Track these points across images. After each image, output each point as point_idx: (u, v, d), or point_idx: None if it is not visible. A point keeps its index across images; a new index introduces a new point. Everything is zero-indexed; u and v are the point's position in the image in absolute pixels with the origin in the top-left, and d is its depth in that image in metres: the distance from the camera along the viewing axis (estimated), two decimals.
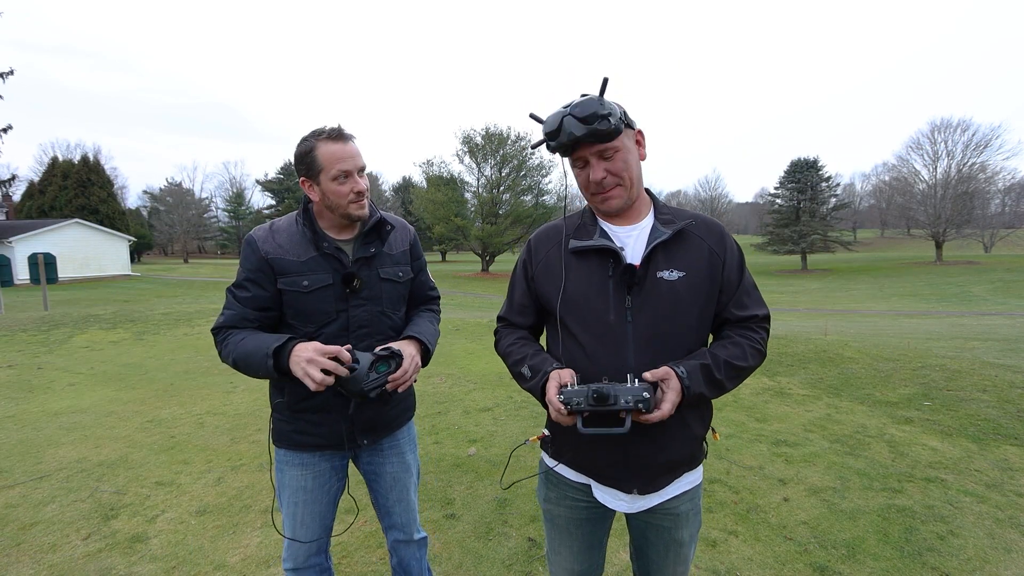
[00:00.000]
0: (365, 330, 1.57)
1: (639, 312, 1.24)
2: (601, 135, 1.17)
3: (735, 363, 1.25)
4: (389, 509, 1.76)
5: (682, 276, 1.25)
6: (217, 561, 2.47)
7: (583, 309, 1.28)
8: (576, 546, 1.42)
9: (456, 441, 3.93)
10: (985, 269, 31.46)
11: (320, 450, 1.61)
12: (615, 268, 1.25)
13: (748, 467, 3.41)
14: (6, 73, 26.28)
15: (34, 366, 6.59)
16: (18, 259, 26.78)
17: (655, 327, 1.24)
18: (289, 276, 1.51)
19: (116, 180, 52.63)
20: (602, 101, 1.17)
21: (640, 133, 1.28)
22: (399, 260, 1.67)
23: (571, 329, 1.30)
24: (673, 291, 1.24)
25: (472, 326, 8.95)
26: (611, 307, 1.25)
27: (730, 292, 1.31)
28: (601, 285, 1.26)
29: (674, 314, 1.24)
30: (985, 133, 38.58)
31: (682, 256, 1.27)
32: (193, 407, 4.90)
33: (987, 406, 4.39)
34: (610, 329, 1.25)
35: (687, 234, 1.29)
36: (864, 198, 77.26)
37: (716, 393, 1.24)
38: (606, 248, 1.26)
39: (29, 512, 2.93)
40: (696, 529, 1.41)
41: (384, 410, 1.65)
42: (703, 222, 1.33)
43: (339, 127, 1.49)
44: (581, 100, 1.19)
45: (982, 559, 2.41)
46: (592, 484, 1.36)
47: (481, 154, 38.65)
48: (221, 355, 1.53)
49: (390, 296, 1.63)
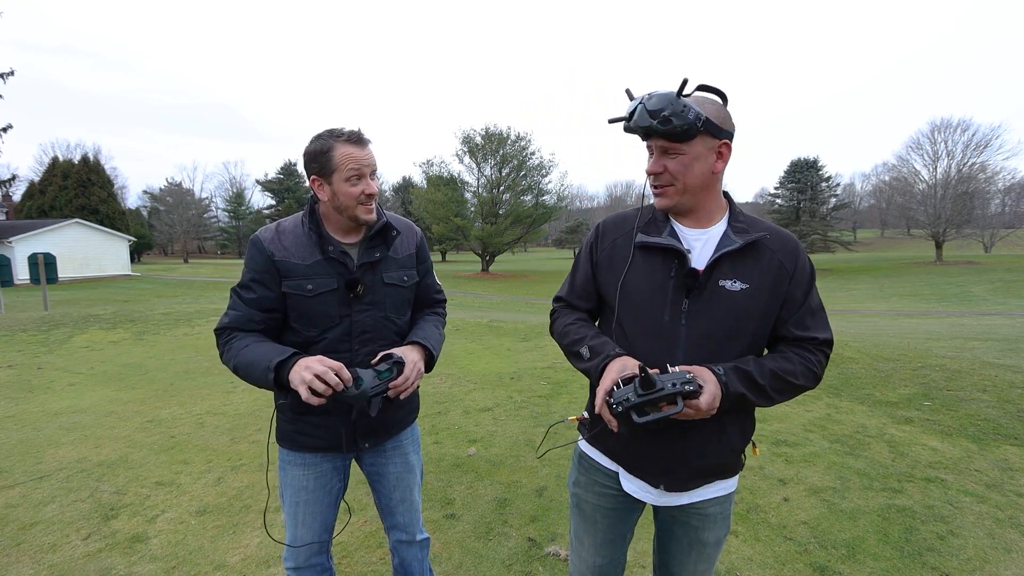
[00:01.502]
0: (368, 335, 1.57)
1: (694, 317, 1.24)
2: (665, 132, 1.16)
3: (783, 375, 1.23)
4: (392, 509, 1.75)
5: (745, 288, 1.23)
6: (217, 561, 2.47)
7: (639, 305, 1.28)
8: (600, 538, 1.42)
9: (456, 441, 3.93)
10: (985, 269, 31.45)
11: (321, 451, 1.62)
12: (678, 270, 1.25)
13: (748, 467, 3.41)
14: (6, 73, 26.28)
15: (34, 366, 6.59)
16: (18, 259, 26.77)
17: (708, 334, 1.23)
18: (294, 279, 1.50)
19: (116, 180, 52.65)
20: (675, 100, 1.15)
21: (726, 144, 1.22)
22: (404, 264, 1.66)
23: (623, 322, 1.30)
24: (732, 301, 1.23)
25: (472, 326, 8.95)
26: (667, 307, 1.25)
27: (792, 309, 1.28)
28: (662, 284, 1.26)
29: (729, 324, 1.23)
30: (985, 133, 38.58)
31: (749, 268, 1.25)
32: (193, 407, 4.90)
33: (987, 406, 4.39)
34: (663, 329, 1.25)
35: (759, 246, 1.26)
36: (864, 198, 77.29)
37: (760, 398, 1.22)
38: (672, 248, 1.25)
39: (29, 512, 2.93)
40: (723, 534, 1.40)
41: (387, 414, 1.65)
42: (778, 236, 1.30)
43: (359, 131, 1.49)
44: (659, 94, 1.18)
45: (982, 559, 2.41)
46: (621, 472, 1.36)
47: (481, 154, 38.68)
48: (222, 358, 1.53)
49: (394, 301, 1.63)
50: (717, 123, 1.18)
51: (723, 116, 1.21)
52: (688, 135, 1.16)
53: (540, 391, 5.17)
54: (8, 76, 26.32)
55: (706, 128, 1.17)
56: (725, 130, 1.21)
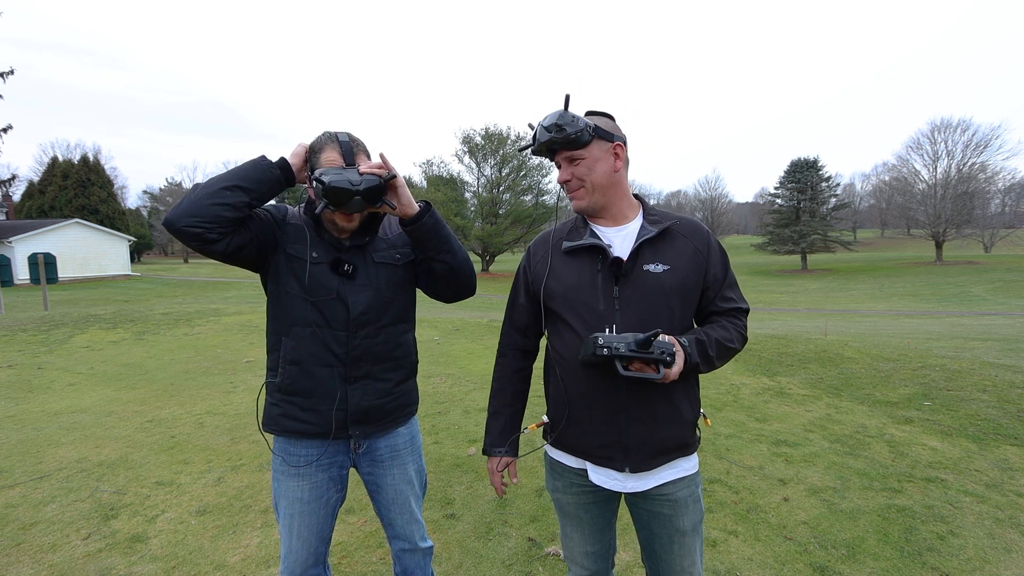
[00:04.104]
0: (366, 316, 1.57)
1: (626, 302, 1.37)
2: (564, 142, 1.35)
3: (725, 343, 1.38)
4: (391, 521, 1.71)
5: (667, 269, 1.38)
6: (217, 561, 2.47)
7: (575, 302, 1.41)
8: (587, 530, 1.52)
9: (456, 441, 3.93)
10: (985, 269, 31.44)
11: (308, 438, 1.56)
12: (603, 262, 1.39)
13: (748, 467, 3.41)
14: (6, 73, 26.26)
15: (34, 366, 6.59)
16: (18, 259, 26.78)
17: (641, 314, 1.36)
18: (298, 245, 1.54)
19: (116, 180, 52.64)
20: (563, 114, 1.35)
21: (619, 146, 1.40)
22: (395, 243, 1.65)
23: (567, 320, 1.43)
24: (658, 281, 1.37)
25: (472, 326, 8.95)
26: (600, 298, 1.38)
27: (716, 288, 1.45)
28: (592, 279, 1.40)
29: (658, 302, 1.37)
30: (985, 133, 38.53)
31: (666, 251, 1.40)
32: (193, 407, 4.90)
33: (987, 406, 4.39)
34: (600, 318, 1.37)
35: (672, 233, 1.43)
36: (864, 198, 77.20)
37: (707, 368, 1.36)
38: (595, 246, 1.40)
39: (29, 512, 2.93)
40: (698, 519, 1.45)
41: (377, 401, 1.61)
42: (688, 223, 1.47)
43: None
44: (550, 113, 1.38)
45: (982, 559, 2.41)
46: (588, 467, 1.45)
47: (481, 154, 38.65)
48: (181, 204, 1.35)
49: (389, 280, 1.61)
50: (607, 129, 1.39)
51: (611, 125, 1.41)
52: (581, 140, 1.35)
53: (539, 391, 5.16)
54: (8, 75, 26.31)
55: (597, 133, 1.37)
56: (616, 135, 1.41)
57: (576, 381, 1.40)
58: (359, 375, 1.57)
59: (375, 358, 1.59)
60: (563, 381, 1.44)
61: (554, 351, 1.48)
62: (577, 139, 1.34)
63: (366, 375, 1.58)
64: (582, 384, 1.39)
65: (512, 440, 1.58)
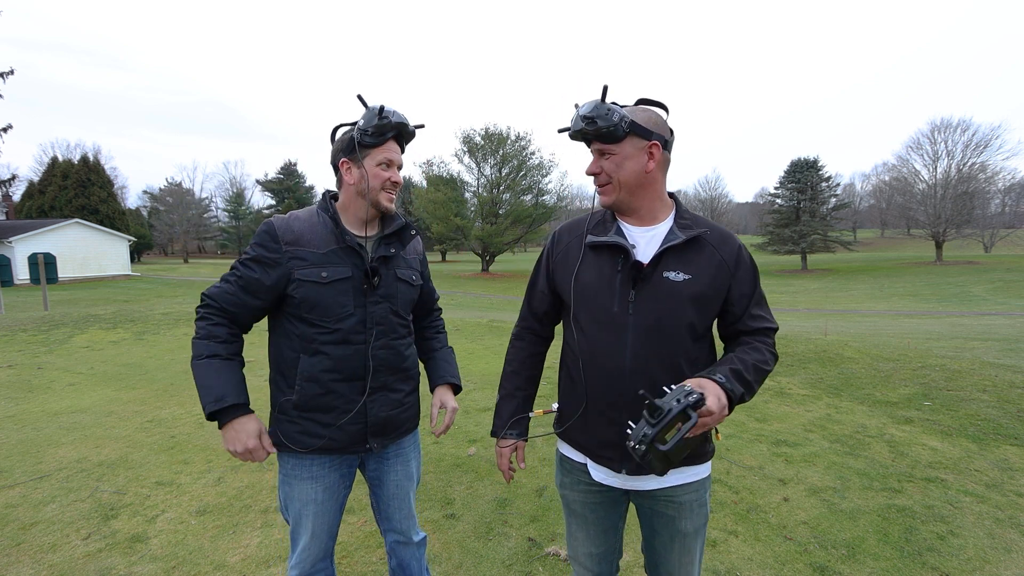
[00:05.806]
0: (381, 328, 1.59)
1: (641, 307, 1.32)
2: (596, 135, 1.30)
3: (761, 366, 1.32)
4: (389, 515, 1.77)
5: (688, 279, 1.32)
6: (217, 561, 2.47)
7: (590, 298, 1.37)
8: (592, 530, 1.50)
9: (456, 441, 3.93)
10: (985, 269, 31.45)
11: (328, 453, 1.59)
12: (624, 263, 1.34)
13: (748, 467, 3.41)
14: (6, 73, 26.27)
15: (34, 366, 6.59)
16: (18, 259, 26.76)
17: (655, 321, 1.31)
18: (307, 267, 1.50)
19: (116, 180, 52.69)
20: (599, 105, 1.29)
21: (655, 145, 1.31)
22: (412, 265, 1.72)
23: (578, 316, 1.40)
24: (676, 290, 1.31)
25: (472, 326, 8.96)
26: (616, 299, 1.34)
27: (744, 304, 1.37)
28: (610, 278, 1.35)
29: (674, 311, 1.31)
30: (985, 133, 38.58)
31: (691, 260, 1.33)
32: (193, 407, 4.90)
33: (987, 406, 4.39)
34: (612, 319, 1.34)
35: (701, 241, 1.36)
36: (864, 198, 77.22)
37: (750, 395, 1.28)
38: (618, 245, 1.34)
39: (29, 512, 2.93)
40: (702, 523, 1.44)
41: (393, 412, 1.66)
42: (719, 233, 1.39)
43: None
44: (588, 101, 1.32)
45: (982, 559, 2.41)
46: (588, 463, 1.44)
47: (481, 154, 38.64)
48: (195, 332, 1.52)
49: (403, 297, 1.66)
50: (645, 126, 1.30)
51: (654, 121, 1.32)
52: (615, 136, 1.28)
53: (540, 391, 5.16)
54: (8, 75, 26.31)
55: (632, 130, 1.29)
56: (655, 133, 1.31)
57: (586, 377, 1.38)
58: (377, 387, 1.60)
59: (389, 369, 1.62)
60: (572, 375, 1.42)
61: (566, 344, 1.47)
62: (609, 133, 1.28)
63: (382, 386, 1.61)
64: (591, 381, 1.37)
65: (523, 423, 1.56)
